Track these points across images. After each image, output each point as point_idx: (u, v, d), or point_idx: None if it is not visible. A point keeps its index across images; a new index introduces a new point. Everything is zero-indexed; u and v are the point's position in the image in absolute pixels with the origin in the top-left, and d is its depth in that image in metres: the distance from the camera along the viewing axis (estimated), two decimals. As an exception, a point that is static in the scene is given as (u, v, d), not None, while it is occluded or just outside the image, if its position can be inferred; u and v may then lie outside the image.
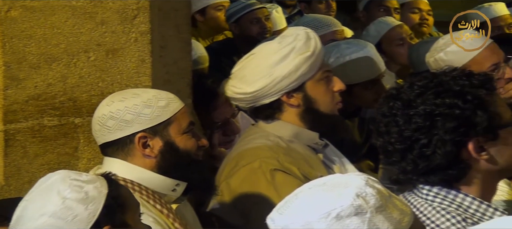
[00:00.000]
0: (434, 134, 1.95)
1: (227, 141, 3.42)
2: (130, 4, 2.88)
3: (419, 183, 2.02)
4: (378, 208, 1.65)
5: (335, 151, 3.01)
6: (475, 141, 1.97)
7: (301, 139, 2.89)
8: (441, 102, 1.96)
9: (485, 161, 2.00)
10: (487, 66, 3.40)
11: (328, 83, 2.91)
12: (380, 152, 2.06)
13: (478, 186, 2.01)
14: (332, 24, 4.78)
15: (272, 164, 2.78)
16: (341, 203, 1.64)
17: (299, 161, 2.83)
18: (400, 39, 4.69)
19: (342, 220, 1.63)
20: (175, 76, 3.04)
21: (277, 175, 2.77)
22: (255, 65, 2.87)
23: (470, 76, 2.01)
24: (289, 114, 2.89)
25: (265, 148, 2.84)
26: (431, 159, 1.96)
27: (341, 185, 1.69)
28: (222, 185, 2.85)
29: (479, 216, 1.98)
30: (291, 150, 2.85)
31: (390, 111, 2.01)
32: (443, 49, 3.51)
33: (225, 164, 2.92)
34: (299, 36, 2.86)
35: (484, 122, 1.96)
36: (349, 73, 3.44)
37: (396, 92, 2.03)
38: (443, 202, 2.00)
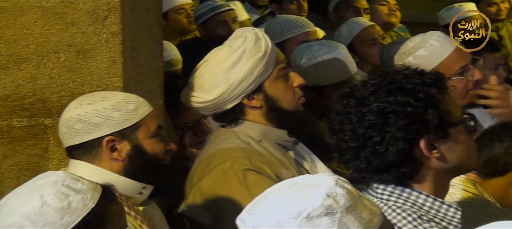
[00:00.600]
0: (387, 132, 1.97)
1: (199, 142, 3.41)
2: (101, 5, 2.86)
3: (373, 181, 2.04)
4: (348, 208, 1.65)
5: (305, 148, 3.01)
6: (426, 139, 1.99)
7: (270, 138, 2.89)
8: (393, 99, 1.98)
9: (436, 159, 2.02)
10: (455, 69, 3.42)
11: (286, 80, 2.90)
12: (334, 150, 2.07)
13: (430, 183, 2.03)
14: (304, 25, 4.78)
15: (244, 164, 2.78)
16: (311, 203, 1.64)
17: (270, 160, 2.82)
18: (372, 40, 4.74)
19: (312, 220, 1.62)
20: (147, 77, 3.02)
21: (250, 175, 2.76)
22: (211, 72, 2.86)
23: (422, 74, 2.03)
24: (253, 115, 2.88)
25: (237, 148, 2.83)
26: (384, 156, 1.98)
27: (311, 186, 1.69)
28: (194, 186, 2.84)
29: (434, 213, 2.00)
30: (262, 149, 2.85)
31: (344, 109, 2.02)
32: (412, 53, 3.53)
33: (197, 165, 2.91)
34: (248, 38, 2.85)
35: (435, 120, 1.98)
36: (321, 74, 3.45)
37: (349, 90, 2.05)
38: (398, 200, 2.01)
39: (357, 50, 4.69)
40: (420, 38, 3.57)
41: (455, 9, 5.30)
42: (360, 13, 5.33)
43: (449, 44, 3.53)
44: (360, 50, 4.71)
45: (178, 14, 5.46)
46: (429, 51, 3.51)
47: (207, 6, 5.29)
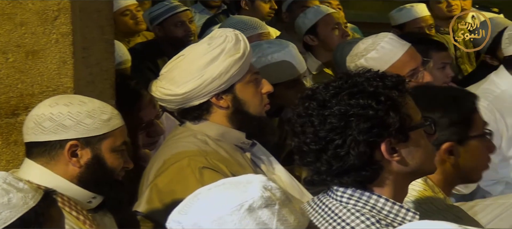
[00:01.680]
0: (348, 135, 1.97)
1: (151, 143, 3.40)
2: (51, 6, 2.84)
3: (333, 184, 2.04)
4: (284, 201, 1.67)
5: (263, 150, 3.03)
6: (387, 142, 1.99)
7: (228, 139, 2.90)
8: (355, 102, 1.98)
9: (396, 162, 2.02)
10: (405, 72, 3.47)
11: (256, 85, 2.93)
12: (295, 152, 2.07)
13: (390, 187, 2.03)
14: (258, 26, 4.82)
15: (201, 162, 2.78)
16: (251, 196, 1.65)
17: (227, 160, 2.84)
18: (336, 24, 4.85)
19: (254, 212, 1.63)
20: (98, 77, 3.01)
21: (206, 173, 2.77)
22: (185, 67, 2.86)
23: (383, 77, 2.03)
24: (217, 115, 2.90)
25: (193, 147, 2.84)
26: (345, 159, 1.98)
27: (243, 183, 1.70)
28: (150, 184, 2.84)
29: (393, 217, 2.01)
30: (219, 149, 2.86)
31: (306, 111, 2.02)
32: (363, 55, 3.56)
33: (152, 164, 2.91)
34: (228, 38, 2.87)
35: (396, 123, 1.98)
36: (271, 72, 3.46)
37: (311, 92, 2.05)
38: (357, 204, 2.01)
39: (319, 32, 4.80)
40: (371, 40, 3.61)
41: (406, 10, 5.36)
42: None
43: (400, 46, 3.57)
44: (322, 33, 4.81)
45: (123, 15, 5.47)
46: (381, 54, 3.55)
47: (163, 7, 5.29)
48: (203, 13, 6.35)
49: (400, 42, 3.60)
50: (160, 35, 5.31)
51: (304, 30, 4.94)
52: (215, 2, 6.43)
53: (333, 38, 4.74)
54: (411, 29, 5.26)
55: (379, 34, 3.80)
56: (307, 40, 4.91)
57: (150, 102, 3.31)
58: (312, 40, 4.88)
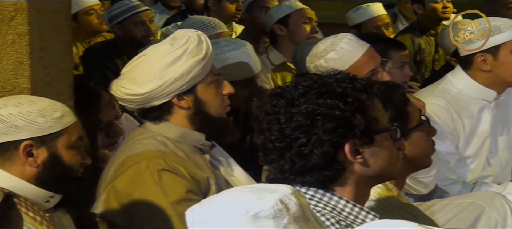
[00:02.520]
0: (314, 134, 1.97)
1: (111, 143, 3.38)
2: (7, 6, 2.81)
3: (295, 183, 2.04)
4: (296, 218, 1.65)
5: (222, 152, 3.03)
6: (351, 144, 2.00)
7: (188, 140, 2.89)
8: (323, 102, 1.99)
9: (359, 164, 2.03)
10: (365, 72, 3.49)
11: (218, 87, 2.93)
12: (260, 150, 2.07)
13: (352, 189, 2.04)
14: (216, 26, 4.82)
15: (159, 164, 2.77)
16: (262, 205, 1.64)
17: (186, 162, 2.83)
18: (308, 19, 4.92)
19: (258, 220, 1.62)
20: (56, 78, 2.98)
21: (165, 175, 2.76)
22: (147, 67, 2.85)
23: (353, 79, 2.04)
24: (178, 116, 2.89)
25: (152, 148, 2.83)
26: (309, 158, 1.98)
27: (268, 190, 1.69)
28: (108, 186, 2.82)
29: (352, 219, 2.01)
30: (178, 150, 2.85)
31: (273, 109, 2.03)
32: (323, 55, 3.58)
33: (111, 165, 2.90)
34: (191, 39, 2.86)
35: (361, 125, 1.99)
36: (227, 70, 3.47)
37: (280, 90, 2.05)
38: (318, 204, 2.02)
39: (290, 23, 4.87)
40: (331, 41, 3.63)
41: (362, 9, 5.39)
42: (272, 14, 5.39)
43: (359, 47, 3.59)
44: (293, 24, 4.88)
45: (88, 15, 5.44)
46: (340, 54, 3.56)
47: (123, 6, 5.26)
48: (163, 13, 6.33)
49: (359, 43, 3.62)
50: (119, 34, 5.28)
51: (275, 19, 4.98)
52: (175, 3, 6.42)
53: (302, 32, 4.79)
54: (368, 28, 5.30)
55: (339, 34, 3.81)
56: (276, 28, 4.96)
57: (110, 102, 3.29)
58: (281, 30, 4.92)
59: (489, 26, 3.63)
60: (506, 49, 3.63)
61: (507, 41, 3.62)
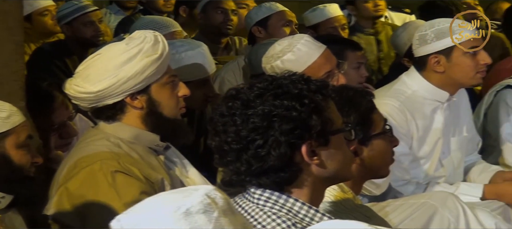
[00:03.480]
0: (270, 135, 1.97)
1: (64, 144, 3.36)
2: (-43, 7, 2.79)
3: (251, 184, 2.04)
4: (225, 211, 1.66)
5: (176, 153, 3.02)
6: (308, 145, 2.00)
7: (142, 141, 2.87)
8: (279, 103, 1.98)
9: (316, 165, 2.03)
10: (321, 74, 3.50)
11: (173, 88, 2.91)
12: (215, 152, 2.06)
13: (308, 190, 2.04)
14: (170, 25, 4.80)
15: (113, 165, 2.75)
16: (191, 200, 1.64)
17: (140, 163, 2.81)
18: (288, 21, 4.96)
19: (190, 216, 1.62)
20: (7, 79, 2.96)
21: (118, 176, 2.74)
22: (101, 65, 2.83)
23: (308, 81, 2.04)
24: (131, 116, 2.87)
25: (106, 150, 2.81)
26: (265, 160, 1.98)
27: (191, 189, 1.69)
28: (61, 187, 2.79)
29: (308, 221, 2.01)
30: (132, 151, 2.83)
31: (229, 111, 2.02)
32: (280, 57, 3.58)
33: (64, 166, 2.87)
34: (147, 39, 2.84)
35: (318, 126, 2.00)
36: (181, 71, 3.45)
37: (235, 92, 2.04)
38: (274, 206, 2.01)
39: (269, 25, 4.90)
40: (288, 42, 3.63)
41: (319, 10, 5.40)
42: (228, 14, 5.38)
43: (316, 49, 3.60)
44: (272, 26, 4.91)
45: (42, 16, 5.41)
46: (297, 56, 3.57)
47: (72, 6, 5.23)
48: (118, 14, 6.30)
49: (316, 44, 3.63)
50: (68, 34, 5.26)
51: (254, 20, 4.98)
52: (130, 3, 6.39)
53: (281, 34, 4.78)
54: (325, 29, 5.31)
55: (295, 35, 3.82)
56: (254, 30, 4.97)
57: (63, 103, 3.26)
58: (259, 32, 4.93)
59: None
60: (459, 51, 3.66)
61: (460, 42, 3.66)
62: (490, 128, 4.09)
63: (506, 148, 3.98)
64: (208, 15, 5.40)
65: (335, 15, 5.40)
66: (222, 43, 5.43)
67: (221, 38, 5.42)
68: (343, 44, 4.14)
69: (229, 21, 5.37)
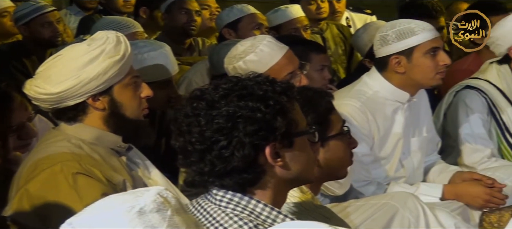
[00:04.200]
0: (235, 136, 1.97)
1: (23, 145, 3.31)
2: None
3: (214, 185, 2.03)
4: (178, 210, 1.66)
5: (139, 154, 3.01)
6: (272, 146, 2.00)
7: (103, 142, 2.86)
8: (244, 104, 1.98)
9: (280, 167, 2.03)
10: (283, 75, 3.51)
11: (136, 89, 2.89)
12: (179, 152, 2.05)
13: (271, 192, 2.04)
14: (131, 25, 4.80)
15: (74, 167, 2.73)
16: (144, 200, 1.63)
17: (101, 164, 2.79)
18: (259, 24, 4.98)
19: (144, 215, 1.61)
20: (-39, 79, 2.92)
21: (79, 178, 2.72)
22: (62, 66, 2.81)
23: (273, 82, 2.05)
24: (93, 117, 2.85)
25: (67, 151, 2.79)
26: (229, 161, 1.98)
27: (141, 190, 1.68)
28: (21, 189, 2.77)
29: (270, 222, 2.01)
30: (93, 153, 2.82)
31: (194, 111, 2.01)
32: (242, 57, 3.58)
33: (23, 168, 2.85)
34: (109, 39, 2.82)
35: (282, 128, 2.00)
36: (144, 71, 3.44)
37: (200, 93, 2.04)
38: (236, 208, 2.02)
39: (239, 27, 4.93)
40: (250, 43, 3.63)
41: (281, 11, 5.41)
42: (192, 15, 5.38)
43: (278, 50, 3.61)
44: (242, 29, 4.93)
45: (2, 17, 5.39)
46: (259, 57, 3.57)
47: (30, 7, 5.21)
48: (78, 15, 6.27)
49: (278, 45, 3.64)
50: (26, 35, 5.23)
51: (225, 22, 4.97)
52: (91, 4, 6.36)
53: (247, 37, 4.77)
54: (287, 30, 5.32)
55: (258, 36, 3.82)
56: (225, 32, 4.98)
57: (22, 104, 3.22)
58: (229, 34, 4.93)
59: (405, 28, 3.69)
60: (419, 52, 3.69)
61: (421, 43, 3.69)
62: (450, 128, 4.13)
63: (465, 149, 4.02)
64: (172, 16, 5.39)
65: (298, 16, 5.41)
66: (185, 44, 5.43)
67: (185, 39, 5.42)
68: (307, 46, 4.16)
69: (193, 21, 5.37)
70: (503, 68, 4.11)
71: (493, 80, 4.10)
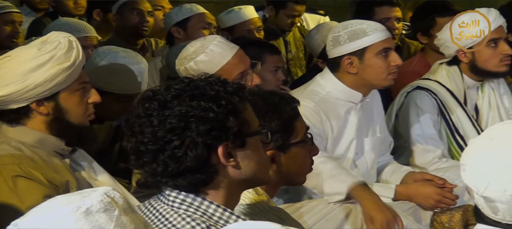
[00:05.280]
0: (187, 136, 1.97)
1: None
2: None
3: (167, 186, 2.03)
4: (126, 210, 1.66)
5: (84, 155, 2.98)
6: (224, 146, 2.00)
7: (45, 146, 2.82)
8: (196, 104, 1.98)
9: (232, 167, 2.03)
10: (235, 74, 3.51)
11: (83, 95, 2.86)
12: (131, 153, 2.04)
13: (224, 192, 2.04)
14: (85, 28, 4.75)
15: (14, 170, 2.69)
16: (90, 200, 1.63)
17: (42, 167, 2.75)
18: (208, 24, 4.95)
19: (90, 215, 1.61)
20: None
21: (20, 181, 2.68)
22: (9, 69, 2.76)
23: (225, 83, 2.05)
24: (36, 121, 2.81)
25: (6, 154, 2.75)
26: (182, 161, 1.97)
27: (88, 191, 1.68)
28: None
29: (222, 223, 2.01)
30: (34, 155, 2.77)
31: (146, 111, 2.01)
32: (193, 58, 3.57)
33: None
34: (61, 45, 2.78)
35: (234, 128, 2.00)
36: (113, 79, 3.41)
37: (152, 93, 2.03)
38: (189, 209, 2.01)
39: (188, 26, 4.89)
40: (200, 43, 3.63)
41: (234, 12, 5.41)
42: (144, 15, 5.36)
43: (229, 49, 3.60)
44: (191, 28, 4.89)
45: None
46: (210, 57, 3.56)
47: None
48: (29, 15, 6.19)
49: (229, 45, 3.64)
50: None
51: (174, 21, 4.95)
52: (42, 5, 6.29)
53: (200, 36, 4.74)
54: (240, 31, 5.32)
55: (208, 36, 3.82)
56: (173, 31, 4.95)
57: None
58: (178, 33, 4.91)
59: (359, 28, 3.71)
60: (371, 52, 3.71)
61: (373, 44, 3.71)
62: (401, 129, 4.16)
63: (416, 149, 4.06)
64: (124, 17, 5.36)
65: (251, 17, 5.42)
66: (138, 45, 5.40)
67: (137, 40, 5.39)
68: (261, 47, 4.16)
69: (146, 22, 5.35)
70: (453, 69, 4.16)
71: (443, 81, 4.14)
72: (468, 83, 4.14)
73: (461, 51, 4.07)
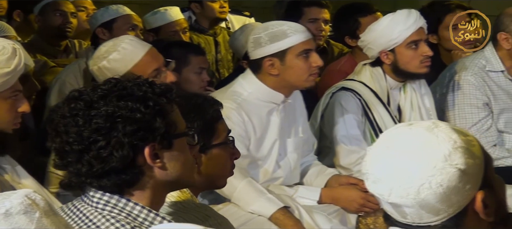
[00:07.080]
0: (113, 136, 1.96)
1: None
2: None
3: (92, 186, 2.01)
4: (47, 212, 1.64)
5: (9, 159, 2.94)
6: (151, 147, 2.00)
7: None
8: (123, 105, 1.97)
9: (158, 168, 2.03)
10: (149, 72, 3.50)
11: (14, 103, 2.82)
12: (56, 153, 2.02)
13: (149, 193, 2.03)
14: (4, 29, 4.71)
15: None
16: (10, 202, 1.60)
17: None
18: (134, 25, 4.93)
19: (10, 217, 1.59)
20: None
21: None
22: None
23: (152, 84, 2.05)
24: None
25: None
26: (107, 161, 1.96)
27: (9, 193, 1.65)
28: None
29: (147, 224, 2.01)
30: None
31: (71, 112, 1.99)
32: (105, 57, 3.55)
33: None
34: (4, 50, 2.76)
35: (161, 129, 2.00)
36: None
37: (78, 94, 2.01)
38: (113, 210, 2.00)
39: (114, 28, 4.86)
40: (112, 42, 3.63)
41: (160, 13, 5.38)
42: (67, 17, 5.30)
43: (141, 47, 3.60)
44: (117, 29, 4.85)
45: None
46: (122, 55, 3.55)
47: None
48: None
49: (141, 43, 3.65)
50: None
51: (100, 22, 4.90)
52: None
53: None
54: (165, 33, 5.29)
55: (120, 36, 3.80)
56: (98, 32, 4.90)
57: None
58: (103, 34, 4.85)
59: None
60: (292, 54, 3.73)
61: (293, 45, 3.72)
62: (326, 129, 4.18)
63: (341, 150, 4.08)
64: (47, 18, 5.30)
65: (176, 18, 5.40)
66: (61, 46, 5.34)
67: (60, 41, 5.34)
68: (186, 48, 4.16)
69: (69, 23, 5.30)
70: (376, 70, 4.20)
71: (367, 81, 4.18)
72: (391, 84, 4.18)
73: (383, 53, 4.11)
